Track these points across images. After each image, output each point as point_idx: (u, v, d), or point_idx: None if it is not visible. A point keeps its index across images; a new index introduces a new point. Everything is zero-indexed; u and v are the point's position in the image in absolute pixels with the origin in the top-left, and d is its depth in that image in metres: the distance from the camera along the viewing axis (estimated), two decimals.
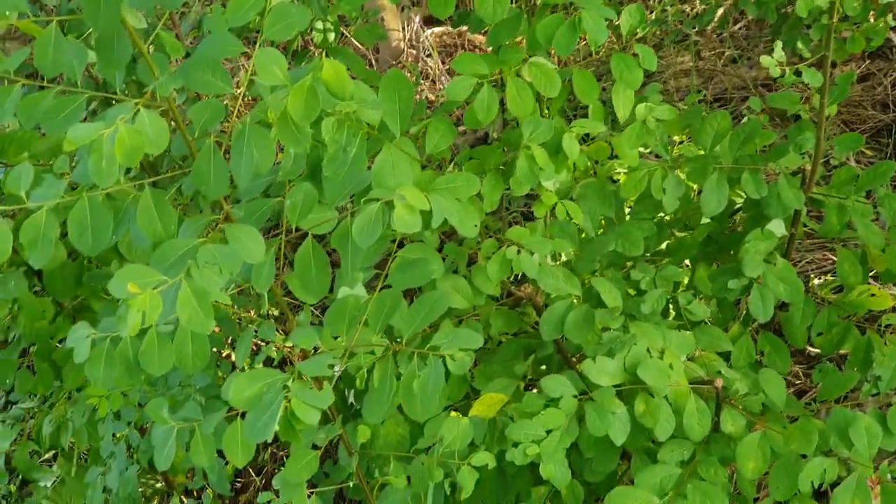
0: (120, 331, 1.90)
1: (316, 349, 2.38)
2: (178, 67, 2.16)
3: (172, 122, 2.17)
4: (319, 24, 3.85)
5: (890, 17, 3.05)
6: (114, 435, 3.40)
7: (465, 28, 6.40)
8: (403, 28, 6.59)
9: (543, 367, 3.27)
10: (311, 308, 4.55)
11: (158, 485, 4.29)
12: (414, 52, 6.60)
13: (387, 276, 2.57)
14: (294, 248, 2.43)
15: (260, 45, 2.10)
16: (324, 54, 3.73)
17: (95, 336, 2.20)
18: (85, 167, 2.02)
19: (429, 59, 6.57)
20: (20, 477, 4.57)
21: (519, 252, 2.74)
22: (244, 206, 2.30)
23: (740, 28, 6.07)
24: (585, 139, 3.41)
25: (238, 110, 2.30)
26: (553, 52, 2.88)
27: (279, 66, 2.05)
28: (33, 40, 2.25)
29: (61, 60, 2.12)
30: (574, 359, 3.16)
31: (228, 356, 4.33)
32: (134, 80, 2.51)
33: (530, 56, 2.70)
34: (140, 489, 4.10)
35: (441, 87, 6.39)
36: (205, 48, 2.17)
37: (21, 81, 2.18)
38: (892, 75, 5.57)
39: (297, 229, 2.37)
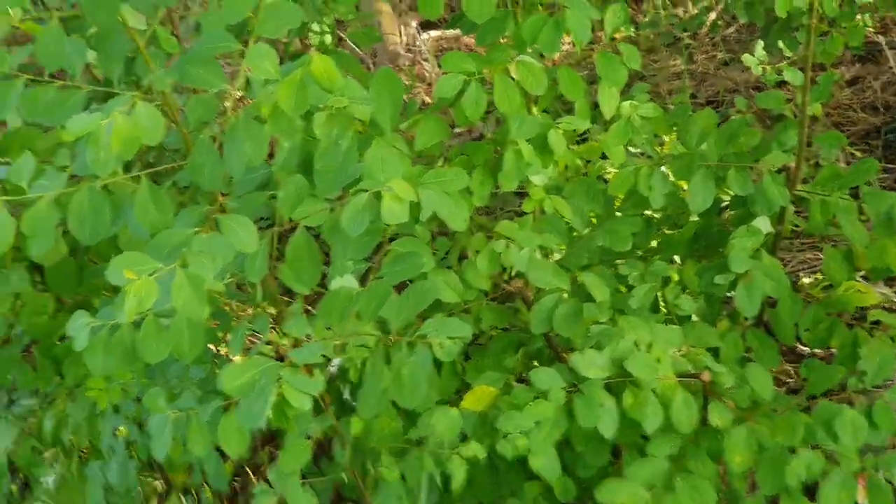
0: (117, 317, 1.96)
1: (308, 339, 2.44)
2: (174, 63, 2.23)
3: (169, 117, 2.23)
4: (316, 27, 3.91)
5: (868, 16, 3.12)
6: (114, 430, 3.44)
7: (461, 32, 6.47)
8: (400, 32, 6.66)
9: (534, 361, 3.32)
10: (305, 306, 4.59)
11: (157, 483, 4.33)
12: (411, 55, 6.68)
13: (378, 269, 2.63)
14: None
15: (253, 42, 2.17)
16: None
17: (94, 324, 2.26)
18: (84, 159, 2.09)
19: (425, 63, 6.64)
20: (22, 476, 4.61)
21: (508, 246, 2.80)
22: (238, 198, 2.36)
23: (732, 31, 6.14)
24: (578, 141, 3.47)
25: (235, 109, 2.36)
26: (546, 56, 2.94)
27: (270, 61, 2.11)
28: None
29: (62, 56, 2.19)
30: (564, 353, 3.21)
31: (226, 354, 4.37)
32: (133, 80, 2.57)
33: (519, 55, 2.76)
34: (138, 487, 4.14)
35: None
36: (199, 45, 2.24)
37: (24, 77, 2.25)
38: (881, 79, 5.64)
39: (291, 222, 2.43)
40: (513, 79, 2.72)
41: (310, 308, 3.05)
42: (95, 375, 2.28)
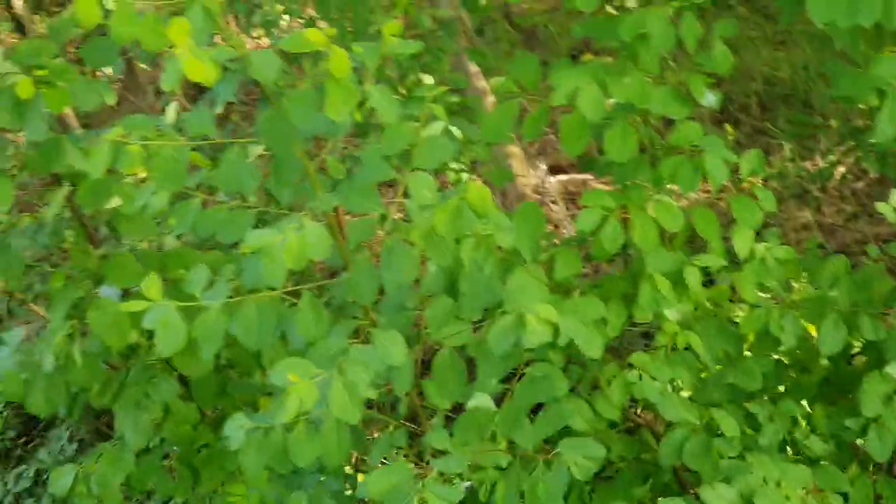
0: (276, 417, 2.11)
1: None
2: (335, 189, 2.43)
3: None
4: (454, 165, 4.13)
5: None
6: None
7: (588, 177, 6.66)
8: (529, 174, 6.88)
9: (661, 492, 3.34)
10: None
11: None
12: (539, 197, 6.86)
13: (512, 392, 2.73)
14: (425, 353, 2.64)
15: (412, 171, 2.36)
16: None
17: (250, 427, 2.42)
18: (253, 272, 2.29)
19: (552, 205, 6.81)
20: None
21: (640, 377, 2.88)
22: (387, 314, 2.53)
23: (861, 185, 6.17)
24: (708, 283, 3.55)
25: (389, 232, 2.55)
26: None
27: (429, 188, 2.30)
28: None
29: (239, 180, 2.41)
30: (691, 487, 3.23)
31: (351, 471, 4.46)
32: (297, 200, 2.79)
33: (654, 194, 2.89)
34: None
35: (564, 231, 6.62)
36: (361, 173, 2.45)
37: (201, 196, 2.48)
38: None
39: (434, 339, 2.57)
40: (649, 216, 2.84)
41: None
42: (248, 474, 2.42)
